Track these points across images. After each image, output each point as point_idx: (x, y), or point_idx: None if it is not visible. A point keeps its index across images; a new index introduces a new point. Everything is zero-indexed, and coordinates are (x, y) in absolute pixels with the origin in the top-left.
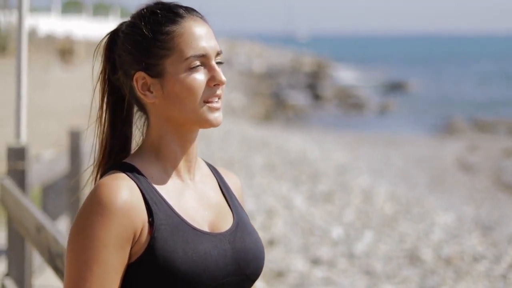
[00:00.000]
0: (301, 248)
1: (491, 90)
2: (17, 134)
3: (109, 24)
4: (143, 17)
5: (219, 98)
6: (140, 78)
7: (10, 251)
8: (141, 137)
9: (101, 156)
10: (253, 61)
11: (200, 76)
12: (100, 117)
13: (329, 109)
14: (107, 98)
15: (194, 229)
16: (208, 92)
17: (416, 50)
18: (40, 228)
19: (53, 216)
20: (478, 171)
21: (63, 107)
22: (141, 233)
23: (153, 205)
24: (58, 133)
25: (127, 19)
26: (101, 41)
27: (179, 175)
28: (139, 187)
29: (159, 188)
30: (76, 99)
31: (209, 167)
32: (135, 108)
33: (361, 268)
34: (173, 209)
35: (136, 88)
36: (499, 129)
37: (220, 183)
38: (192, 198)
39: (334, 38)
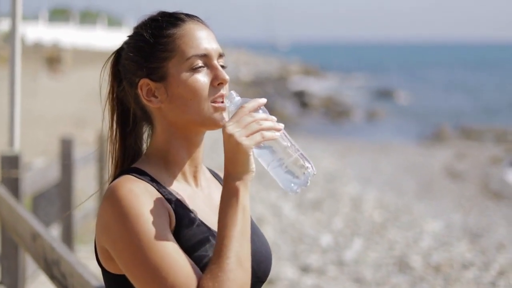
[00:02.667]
0: (290, 255)
1: (479, 98)
2: (10, 142)
3: (97, 32)
4: (144, 25)
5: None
6: (144, 85)
7: (3, 259)
8: (145, 145)
9: (115, 171)
10: (240, 69)
11: (202, 77)
12: (111, 135)
13: (317, 116)
14: (117, 116)
15: (210, 229)
16: (212, 93)
17: (401, 58)
18: (35, 236)
19: (44, 224)
20: (466, 179)
21: (51, 115)
22: (170, 221)
23: (172, 203)
24: (46, 141)
25: (128, 30)
26: (108, 59)
27: (186, 180)
28: (154, 187)
29: (172, 191)
30: (64, 107)
31: (210, 171)
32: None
33: (350, 276)
34: (190, 209)
35: (141, 96)
36: (486, 137)
37: None
38: (202, 202)
39: (315, 46)
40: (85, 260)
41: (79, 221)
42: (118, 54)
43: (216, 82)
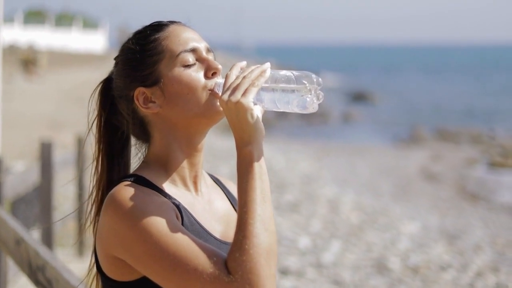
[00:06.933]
0: None
1: (455, 101)
2: None
3: (72, 34)
4: (129, 40)
5: None
6: (140, 94)
7: None
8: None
9: (100, 195)
10: None
11: (196, 72)
12: (97, 162)
13: (293, 119)
14: (103, 145)
15: (216, 238)
16: (208, 83)
17: (373, 60)
18: (19, 241)
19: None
20: (442, 180)
21: (27, 118)
22: (177, 218)
23: (175, 206)
24: (23, 143)
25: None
26: (95, 89)
27: (186, 187)
28: (154, 191)
29: (172, 196)
30: (40, 109)
31: (210, 177)
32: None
33: (329, 278)
34: (194, 216)
35: (139, 107)
36: (462, 139)
37: (225, 192)
38: (202, 209)
39: (279, 48)
40: (66, 264)
41: (58, 224)
42: (106, 83)
43: (210, 73)
